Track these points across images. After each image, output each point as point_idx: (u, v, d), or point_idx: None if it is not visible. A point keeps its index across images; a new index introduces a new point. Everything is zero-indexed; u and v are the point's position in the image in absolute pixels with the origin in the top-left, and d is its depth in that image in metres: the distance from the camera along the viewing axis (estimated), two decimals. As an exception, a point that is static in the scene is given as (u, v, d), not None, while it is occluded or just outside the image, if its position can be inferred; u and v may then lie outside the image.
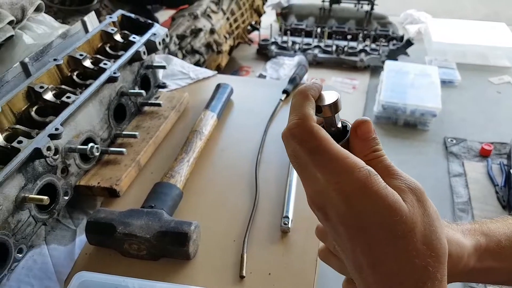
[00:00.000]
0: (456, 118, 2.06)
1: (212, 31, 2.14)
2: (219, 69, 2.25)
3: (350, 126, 0.38)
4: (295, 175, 0.81)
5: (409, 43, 2.49)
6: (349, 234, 0.33)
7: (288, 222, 0.72)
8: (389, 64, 2.33)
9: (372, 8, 2.80)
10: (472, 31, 2.71)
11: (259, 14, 2.74)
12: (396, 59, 2.51)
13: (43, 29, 1.10)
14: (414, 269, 0.32)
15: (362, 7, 2.86)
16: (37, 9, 1.11)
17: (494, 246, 0.44)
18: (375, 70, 2.53)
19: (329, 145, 0.34)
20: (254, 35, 2.86)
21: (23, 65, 0.76)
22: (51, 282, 0.67)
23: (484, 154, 1.79)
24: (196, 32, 2.04)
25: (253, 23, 2.71)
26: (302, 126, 0.34)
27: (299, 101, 0.36)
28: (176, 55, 1.78)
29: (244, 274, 0.65)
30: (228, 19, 2.33)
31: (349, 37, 2.64)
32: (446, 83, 2.29)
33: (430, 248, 0.32)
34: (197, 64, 2.00)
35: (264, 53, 2.77)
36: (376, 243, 0.32)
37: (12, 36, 0.99)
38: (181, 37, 1.97)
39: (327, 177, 0.33)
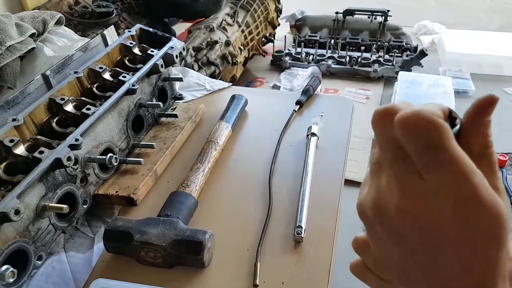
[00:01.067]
0: (471, 129, 2.05)
1: (227, 43, 2.17)
2: (234, 80, 2.28)
3: (459, 118, 0.33)
4: (308, 185, 0.82)
5: (422, 53, 2.49)
6: (433, 244, 0.30)
7: (301, 232, 0.73)
8: (402, 75, 2.33)
9: (385, 19, 2.81)
10: (486, 42, 2.70)
11: (274, 26, 2.77)
12: (410, 70, 2.52)
13: (63, 41, 1.13)
14: (501, 273, 0.30)
15: (375, 18, 2.87)
16: (58, 22, 1.15)
17: None
18: (388, 80, 2.53)
19: (452, 143, 0.29)
20: (268, 46, 2.89)
21: (45, 77, 0.79)
22: (69, 288, 0.69)
23: (498, 165, 1.77)
24: (211, 44, 2.08)
25: (267, 35, 2.74)
26: (427, 116, 0.29)
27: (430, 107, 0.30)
28: (192, 67, 1.81)
29: (257, 283, 0.66)
30: (243, 31, 2.37)
31: (362, 48, 2.65)
32: (460, 94, 2.28)
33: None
34: (212, 75, 2.03)
35: (278, 64, 2.79)
36: (475, 253, 0.29)
37: (33, 48, 1.03)
38: (197, 49, 2.00)
39: (439, 180, 0.29)
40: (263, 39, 2.71)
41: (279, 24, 2.85)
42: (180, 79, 1.02)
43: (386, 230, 0.32)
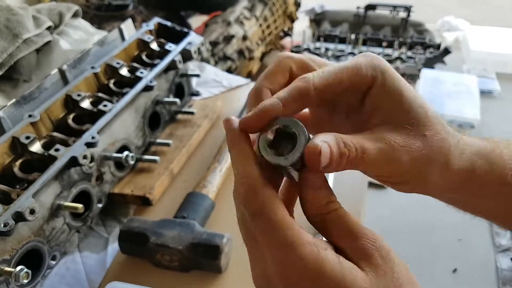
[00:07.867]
0: (495, 129, 1.99)
1: (244, 38, 2.14)
2: (250, 76, 2.25)
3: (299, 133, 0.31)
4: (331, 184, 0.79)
5: (446, 51, 2.42)
6: None
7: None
8: (425, 73, 2.27)
9: (408, 15, 2.74)
10: (513, 40, 2.61)
11: (292, 20, 2.73)
12: (433, 68, 2.45)
13: (80, 34, 1.12)
14: None
15: (398, 14, 2.80)
16: (74, 15, 1.13)
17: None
18: (411, 78, 2.47)
19: (271, 210, 0.29)
20: (287, 41, 2.84)
21: (61, 72, 0.77)
22: (83, 289, 0.67)
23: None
24: (228, 38, 2.05)
25: (285, 29, 2.70)
26: (247, 184, 0.30)
27: (236, 155, 0.32)
28: (208, 62, 1.79)
29: (276, 291, 0.63)
30: (260, 25, 2.33)
31: (384, 44, 2.59)
32: (485, 93, 2.21)
33: None
34: (228, 70, 2.00)
35: (296, 60, 2.75)
36: None
37: (49, 41, 1.01)
38: (214, 44, 1.98)
39: (268, 251, 0.29)
40: (281, 33, 2.67)
41: (297, 18, 2.80)
42: (198, 76, 0.99)
43: None
